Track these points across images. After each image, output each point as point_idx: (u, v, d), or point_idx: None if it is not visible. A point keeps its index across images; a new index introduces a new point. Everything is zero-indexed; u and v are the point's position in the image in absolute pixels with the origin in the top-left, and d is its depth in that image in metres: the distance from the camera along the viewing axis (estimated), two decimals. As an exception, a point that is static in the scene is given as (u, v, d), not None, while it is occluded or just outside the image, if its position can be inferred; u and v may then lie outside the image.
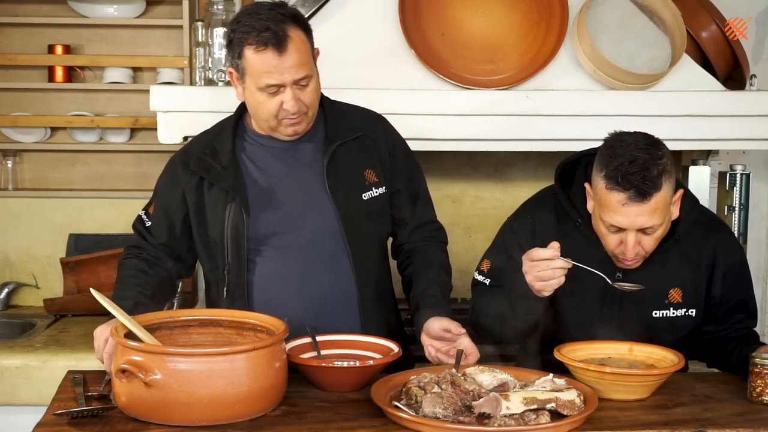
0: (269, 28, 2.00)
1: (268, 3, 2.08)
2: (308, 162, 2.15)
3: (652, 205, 1.94)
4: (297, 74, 2.02)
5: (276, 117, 2.07)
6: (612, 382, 1.86)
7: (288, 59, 2.01)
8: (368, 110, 2.29)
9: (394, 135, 2.27)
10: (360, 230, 2.15)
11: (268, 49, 2.00)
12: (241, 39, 2.02)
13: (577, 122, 2.85)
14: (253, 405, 1.70)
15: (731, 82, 3.14)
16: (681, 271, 2.13)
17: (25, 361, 2.73)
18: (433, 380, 1.80)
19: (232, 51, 2.07)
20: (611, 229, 2.00)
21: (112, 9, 3.35)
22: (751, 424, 1.77)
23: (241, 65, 2.05)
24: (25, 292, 3.39)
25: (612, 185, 1.94)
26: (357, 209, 2.15)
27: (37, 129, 3.37)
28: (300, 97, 2.05)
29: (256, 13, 2.04)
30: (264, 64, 2.01)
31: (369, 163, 2.19)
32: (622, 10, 2.93)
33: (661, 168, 1.94)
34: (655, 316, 2.12)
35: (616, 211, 1.96)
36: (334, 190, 2.13)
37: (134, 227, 2.27)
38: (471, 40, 2.87)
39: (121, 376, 1.65)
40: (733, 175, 3.14)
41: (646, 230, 1.98)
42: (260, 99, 2.05)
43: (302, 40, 2.04)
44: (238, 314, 1.94)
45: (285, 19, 2.02)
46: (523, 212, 2.26)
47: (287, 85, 2.02)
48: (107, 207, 3.38)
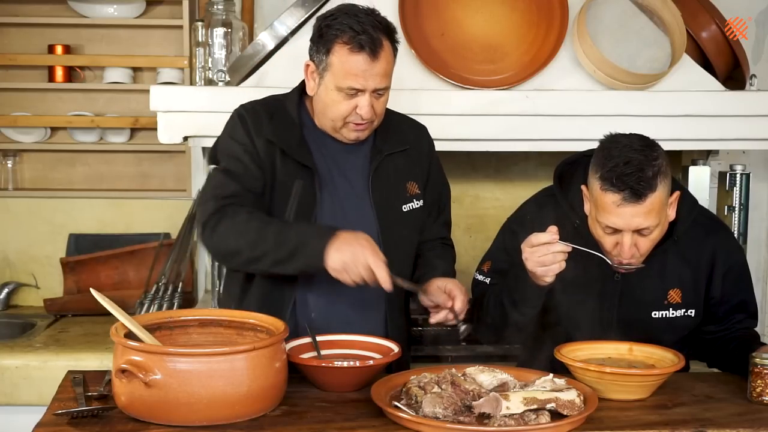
0: (367, 32, 2.00)
1: (363, 7, 2.08)
2: (355, 167, 2.16)
3: (647, 206, 1.94)
4: (380, 84, 2.04)
5: (344, 119, 2.07)
6: (612, 382, 1.86)
7: (377, 67, 2.02)
8: (415, 122, 2.30)
9: (434, 150, 2.30)
10: (396, 240, 2.16)
11: (362, 52, 2.00)
12: (335, 36, 2.02)
13: (577, 122, 2.85)
14: (253, 405, 1.70)
15: (731, 82, 3.14)
16: (680, 271, 2.13)
17: (25, 361, 2.74)
18: (433, 380, 1.80)
19: (319, 44, 2.05)
20: (607, 230, 2.00)
21: (112, 9, 3.35)
22: (751, 424, 1.77)
23: (325, 61, 2.04)
24: (25, 292, 3.39)
25: (607, 186, 1.95)
26: (396, 220, 2.17)
27: (37, 129, 3.37)
28: (373, 105, 2.05)
29: (354, 14, 2.03)
30: (353, 67, 2.01)
31: (412, 175, 2.21)
32: (622, 10, 2.93)
33: (656, 169, 1.94)
34: (654, 316, 2.12)
35: (612, 212, 1.96)
36: (376, 199, 2.15)
37: (216, 179, 2.12)
38: (471, 40, 2.87)
39: (121, 376, 1.65)
40: (733, 175, 3.14)
41: (641, 231, 1.98)
42: (335, 98, 2.05)
43: (390, 52, 2.06)
44: (238, 314, 1.94)
45: (382, 27, 2.04)
46: (522, 213, 2.26)
47: (367, 92, 2.03)
48: (107, 207, 3.39)
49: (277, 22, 2.75)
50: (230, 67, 2.88)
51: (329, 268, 1.93)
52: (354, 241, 1.94)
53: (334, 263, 1.92)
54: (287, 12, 2.75)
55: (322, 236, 1.95)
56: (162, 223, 3.37)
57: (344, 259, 1.92)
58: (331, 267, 1.93)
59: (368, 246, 1.93)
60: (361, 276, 1.92)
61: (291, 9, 2.75)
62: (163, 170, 3.45)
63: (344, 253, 1.92)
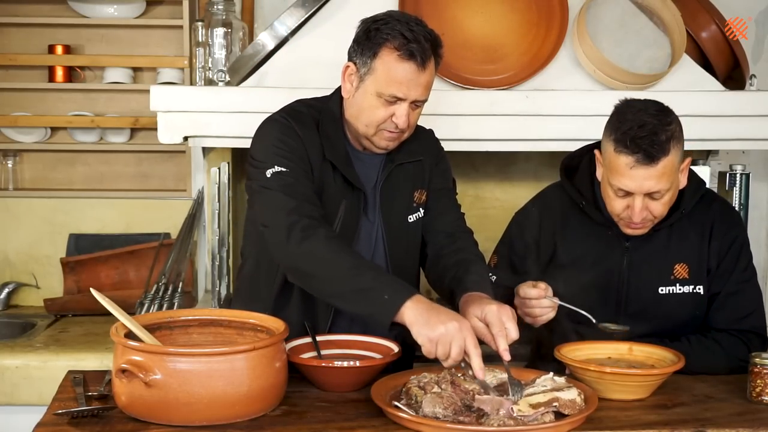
0: (419, 41, 1.97)
1: (413, 16, 2.04)
2: (366, 172, 2.12)
3: (659, 170, 1.96)
4: (422, 95, 2.01)
5: (378, 126, 2.03)
6: (612, 382, 1.86)
7: (422, 78, 1.99)
8: (428, 131, 2.26)
9: (443, 150, 2.27)
10: (402, 251, 2.14)
11: (411, 61, 1.96)
12: (385, 39, 1.97)
13: (577, 122, 2.85)
14: (253, 405, 1.70)
15: (731, 82, 3.14)
16: (686, 246, 2.14)
17: (25, 361, 2.74)
18: (433, 380, 1.79)
19: (365, 47, 2.00)
20: (619, 192, 2.02)
21: (112, 9, 3.35)
22: (751, 424, 1.76)
23: (370, 64, 2.00)
24: (25, 292, 3.39)
25: (620, 148, 1.97)
26: (402, 231, 2.14)
27: (37, 129, 3.38)
28: (409, 116, 2.02)
29: (406, 21, 1.99)
30: (399, 74, 1.97)
31: (420, 183, 2.18)
32: (622, 10, 2.93)
33: (669, 133, 1.97)
34: (661, 293, 2.13)
35: (624, 174, 1.98)
36: (384, 210, 2.12)
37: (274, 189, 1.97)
38: (471, 40, 2.87)
39: (121, 376, 1.65)
40: (733, 175, 3.14)
41: (653, 195, 2.00)
42: (374, 103, 2.01)
43: (434, 66, 2.03)
44: (238, 314, 1.94)
45: (431, 39, 2.00)
46: (529, 206, 2.30)
47: (407, 101, 2.00)
48: (107, 207, 3.39)
49: (277, 22, 2.75)
50: (230, 67, 2.88)
51: (421, 334, 1.77)
52: (446, 317, 1.77)
53: (429, 335, 1.76)
54: (287, 12, 2.75)
55: (399, 292, 1.81)
56: (162, 223, 3.37)
57: (439, 333, 1.75)
58: (422, 334, 1.76)
59: (466, 328, 1.77)
60: (448, 353, 1.76)
61: (291, 9, 2.75)
62: (163, 170, 3.45)
63: (437, 328, 1.75)
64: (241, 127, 2.74)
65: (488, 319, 1.83)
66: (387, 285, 1.83)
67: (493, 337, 1.82)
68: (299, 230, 1.89)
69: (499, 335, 1.81)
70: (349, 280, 1.84)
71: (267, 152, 2.03)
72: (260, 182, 2.00)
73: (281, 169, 1.98)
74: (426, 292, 2.55)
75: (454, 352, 1.74)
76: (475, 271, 2.03)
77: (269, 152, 2.02)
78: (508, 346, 1.81)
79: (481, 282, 1.99)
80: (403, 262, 2.15)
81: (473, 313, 1.87)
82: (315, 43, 2.82)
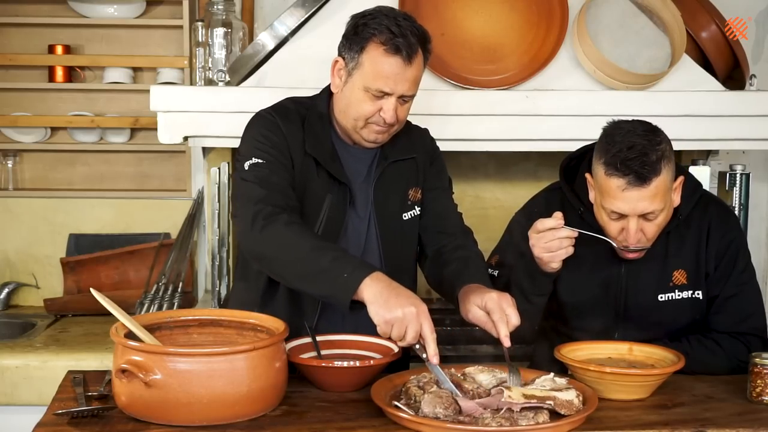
0: (405, 36, 1.97)
1: (401, 12, 2.05)
2: (360, 170, 2.13)
3: (652, 190, 1.96)
4: (409, 90, 2.02)
5: (366, 119, 2.04)
6: (612, 382, 1.86)
7: (409, 72, 1.99)
8: (422, 129, 2.27)
9: (438, 150, 2.26)
10: (396, 249, 2.14)
11: (397, 55, 1.97)
12: (372, 34, 1.99)
13: (577, 122, 2.85)
14: (253, 405, 1.70)
15: (731, 82, 3.14)
16: (684, 252, 2.13)
17: (25, 361, 2.74)
18: (433, 380, 1.80)
19: (352, 41, 2.02)
20: (613, 216, 2.02)
21: (112, 9, 3.35)
22: (751, 424, 1.76)
23: (358, 59, 2.01)
24: (25, 292, 3.39)
25: (611, 171, 1.96)
26: (397, 229, 2.15)
27: (37, 129, 3.38)
28: (397, 111, 2.03)
29: (394, 16, 2.01)
30: (386, 68, 1.98)
31: (415, 181, 2.18)
32: (622, 10, 2.93)
33: (659, 153, 1.96)
34: (660, 299, 2.13)
35: (617, 197, 1.97)
36: (378, 207, 2.12)
37: (249, 180, 2.00)
38: (471, 40, 2.87)
39: (121, 376, 1.65)
40: (733, 175, 3.14)
41: (647, 216, 2.00)
42: (360, 98, 2.02)
43: (422, 61, 2.04)
44: (238, 314, 1.94)
45: (419, 35, 2.01)
46: (529, 205, 2.29)
47: (394, 96, 2.01)
48: (107, 207, 3.39)
49: (277, 22, 2.75)
50: (230, 67, 2.88)
51: (377, 315, 1.78)
52: (405, 300, 1.77)
53: (385, 316, 1.77)
54: (287, 12, 2.75)
55: (359, 269, 1.81)
56: (162, 223, 3.37)
57: (395, 316, 1.76)
58: (379, 314, 1.77)
59: (423, 313, 1.77)
60: (403, 336, 1.77)
61: (291, 9, 2.75)
62: (163, 170, 3.45)
63: (394, 310, 1.76)
64: (241, 127, 2.70)
65: (489, 306, 1.87)
66: (347, 263, 1.83)
67: (494, 324, 1.85)
68: (261, 218, 1.90)
69: (500, 321, 1.85)
70: (310, 262, 1.84)
71: (249, 146, 2.07)
72: (240, 174, 2.04)
73: (258, 161, 2.02)
74: (425, 292, 2.56)
75: (409, 336, 1.76)
76: (474, 266, 2.07)
77: (251, 146, 2.06)
78: (509, 332, 1.84)
79: (480, 275, 2.03)
80: (399, 260, 2.15)
81: (474, 301, 1.90)
82: (315, 42, 2.82)
